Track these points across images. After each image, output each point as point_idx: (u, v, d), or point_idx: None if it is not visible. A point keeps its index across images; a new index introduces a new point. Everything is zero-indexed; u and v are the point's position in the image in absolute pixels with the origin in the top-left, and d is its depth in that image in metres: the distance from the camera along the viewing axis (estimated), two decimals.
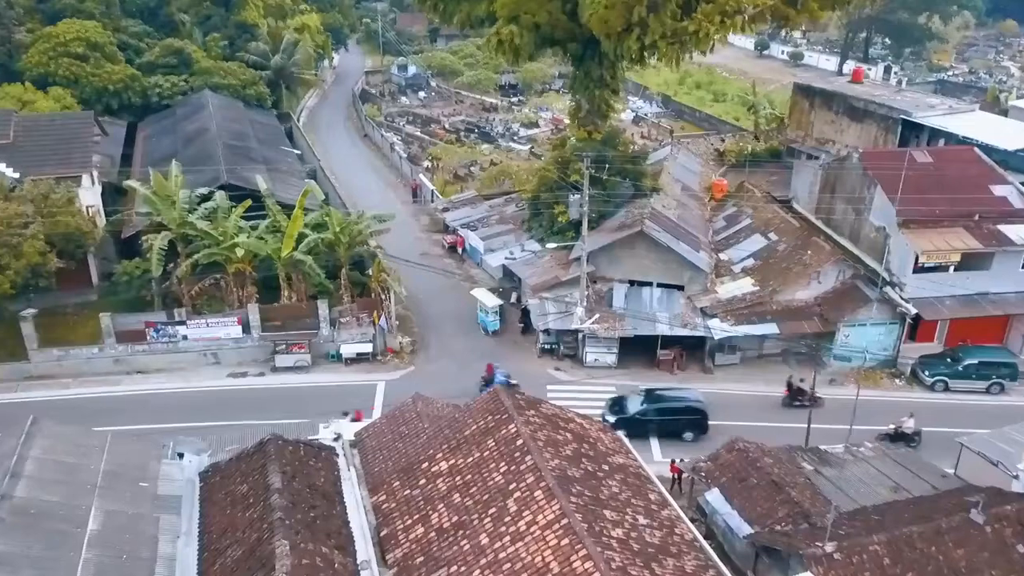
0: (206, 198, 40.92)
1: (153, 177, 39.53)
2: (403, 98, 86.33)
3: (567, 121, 68.11)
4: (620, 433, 27.35)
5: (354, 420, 31.84)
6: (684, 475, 30.79)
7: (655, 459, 32.89)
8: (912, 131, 49.22)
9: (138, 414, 34.33)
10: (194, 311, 38.48)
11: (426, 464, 22.97)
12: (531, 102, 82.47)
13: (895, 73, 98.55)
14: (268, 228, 39.28)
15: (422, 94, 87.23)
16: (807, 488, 26.84)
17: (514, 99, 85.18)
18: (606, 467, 23.20)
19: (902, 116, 48.20)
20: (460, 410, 24.95)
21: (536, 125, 74.94)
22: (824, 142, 53.76)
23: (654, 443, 34.02)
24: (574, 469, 21.86)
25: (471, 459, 22.35)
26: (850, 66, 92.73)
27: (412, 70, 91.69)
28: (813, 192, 46.07)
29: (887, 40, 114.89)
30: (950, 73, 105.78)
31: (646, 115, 79.27)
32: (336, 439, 27.04)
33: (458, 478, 21.92)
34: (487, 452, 22.32)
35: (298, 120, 76.51)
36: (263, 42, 74.07)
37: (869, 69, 77.46)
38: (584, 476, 21.83)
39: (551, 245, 39.69)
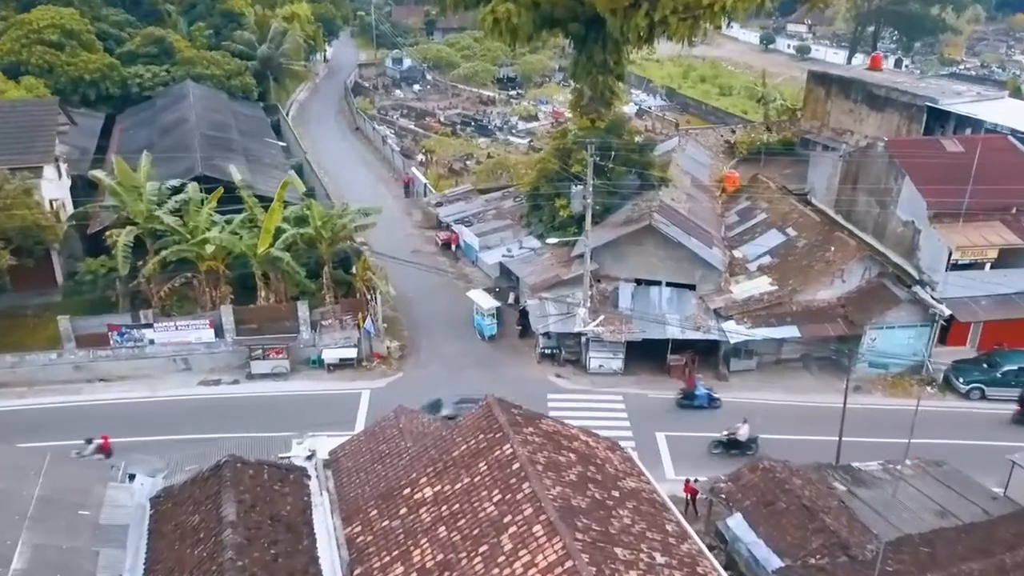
0: (178, 190, 37.75)
1: (116, 165, 36.35)
2: (397, 91, 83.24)
3: (568, 114, 65.10)
4: (631, 450, 24.25)
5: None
6: (700, 495, 27.62)
7: (667, 477, 29.77)
8: (937, 120, 46.06)
9: (96, 426, 31.11)
10: (163, 313, 35.31)
11: (408, 490, 19.88)
12: (530, 93, 79.26)
13: (906, 66, 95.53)
14: (243, 222, 36.09)
15: (417, 87, 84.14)
16: (842, 513, 23.67)
17: (512, 92, 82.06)
18: (616, 494, 20.06)
19: (927, 103, 45.01)
20: (448, 427, 21.79)
21: (535, 118, 71.79)
22: (841, 132, 50.59)
23: (666, 460, 30.84)
24: (579, 498, 18.72)
25: (459, 485, 19.24)
26: (859, 60, 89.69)
27: (407, 63, 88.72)
28: (832, 185, 42.93)
29: (895, 34, 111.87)
30: (962, 66, 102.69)
31: (649, 108, 76.14)
32: (309, 458, 23.99)
33: (444, 508, 18.81)
34: (478, 477, 19.21)
35: (288, 113, 73.45)
36: (249, 31, 70.90)
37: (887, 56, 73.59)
38: (591, 506, 18.70)
39: (551, 241, 36.56)
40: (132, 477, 24.03)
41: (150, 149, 46.93)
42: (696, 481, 27.32)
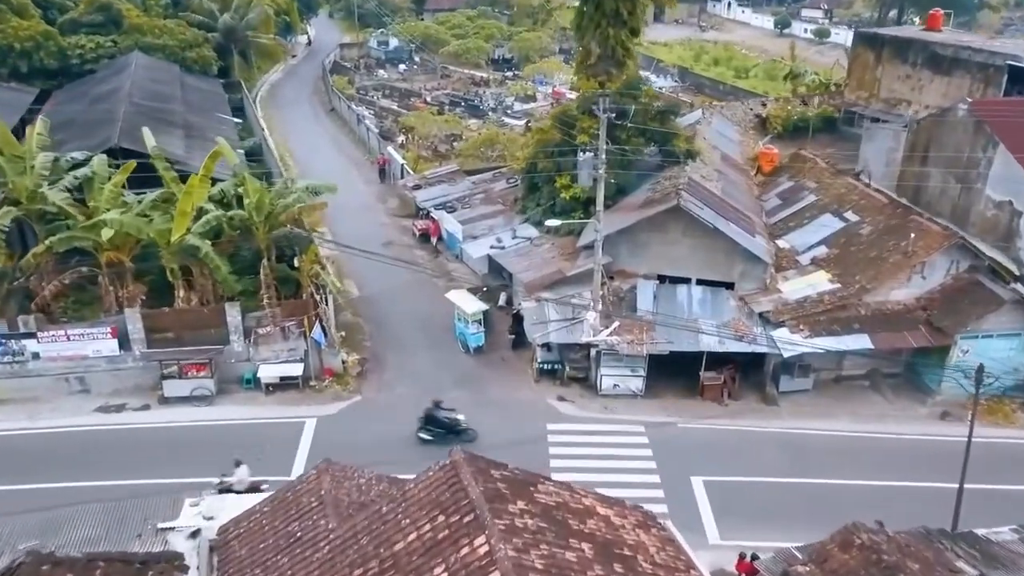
0: (82, 164, 30.00)
1: None
2: (381, 71, 75.41)
3: (571, 95, 57.50)
4: (668, 522, 16.44)
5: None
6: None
7: (710, 542, 21.98)
8: (1014, 84, 38.21)
9: None
10: (50, 319, 27.52)
11: None
12: (528, 70, 71.32)
13: None
14: (157, 202, 28.31)
15: (402, 67, 76.29)
16: None
17: (508, 73, 74.28)
18: None
19: (1009, 62, 37.17)
20: (393, 498, 13.89)
21: (533, 99, 63.99)
22: (895, 103, 42.81)
23: (707, 517, 22.94)
24: None
25: None
26: None
27: (393, 43, 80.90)
28: (894, 161, 35.26)
29: (917, 19, 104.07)
30: None
31: (660, 88, 68.17)
32: (195, 534, 16.27)
33: None
34: None
35: (257, 94, 65.82)
36: None
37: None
38: None
39: (552, 222, 28.79)
40: None
41: (72, 123, 39.52)
42: (755, 559, 19.38)
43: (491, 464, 14.05)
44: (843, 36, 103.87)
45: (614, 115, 26.87)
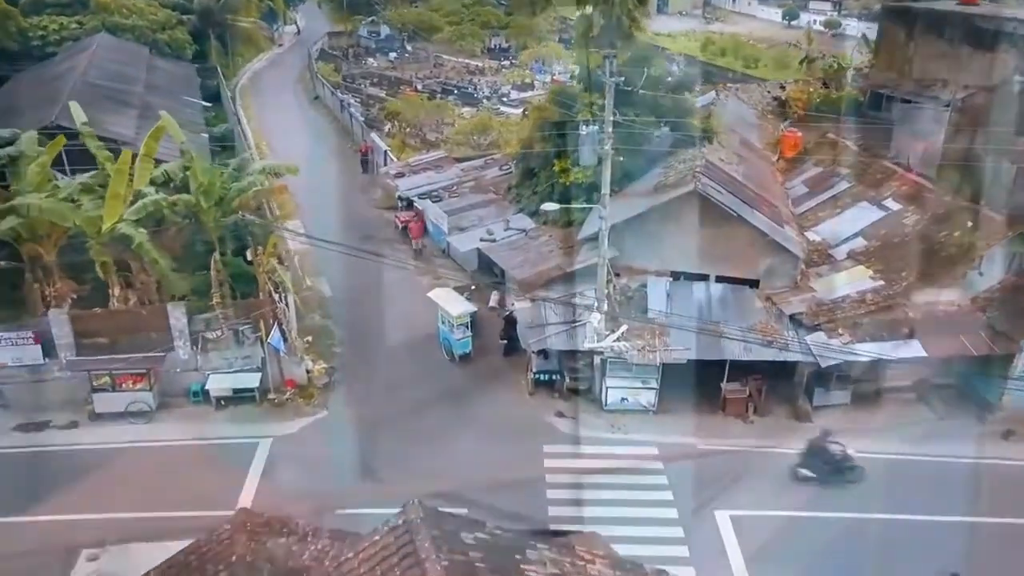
0: (9, 144, 26.14)
1: None
2: (370, 60, 71.56)
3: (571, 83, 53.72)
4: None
5: None
6: None
7: None
8: None
9: None
10: None
11: None
12: (525, 55, 67.50)
13: None
14: (86, 185, 24.39)
15: (393, 55, 72.47)
16: None
17: (505, 62, 70.46)
18: None
19: None
20: (325, 573, 10.02)
21: (531, 87, 60.14)
22: (928, 84, 38.68)
23: (736, 564, 18.90)
24: None
25: None
26: None
27: (384, 31, 77.13)
28: (933, 146, 31.29)
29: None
30: None
31: None
32: None
33: None
34: None
35: (238, 82, 62.08)
36: None
37: None
38: None
39: (550, 206, 24.84)
40: None
41: (16, 106, 35.80)
42: None
43: (461, 523, 10.16)
44: (853, 27, 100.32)
45: (622, 79, 22.91)
